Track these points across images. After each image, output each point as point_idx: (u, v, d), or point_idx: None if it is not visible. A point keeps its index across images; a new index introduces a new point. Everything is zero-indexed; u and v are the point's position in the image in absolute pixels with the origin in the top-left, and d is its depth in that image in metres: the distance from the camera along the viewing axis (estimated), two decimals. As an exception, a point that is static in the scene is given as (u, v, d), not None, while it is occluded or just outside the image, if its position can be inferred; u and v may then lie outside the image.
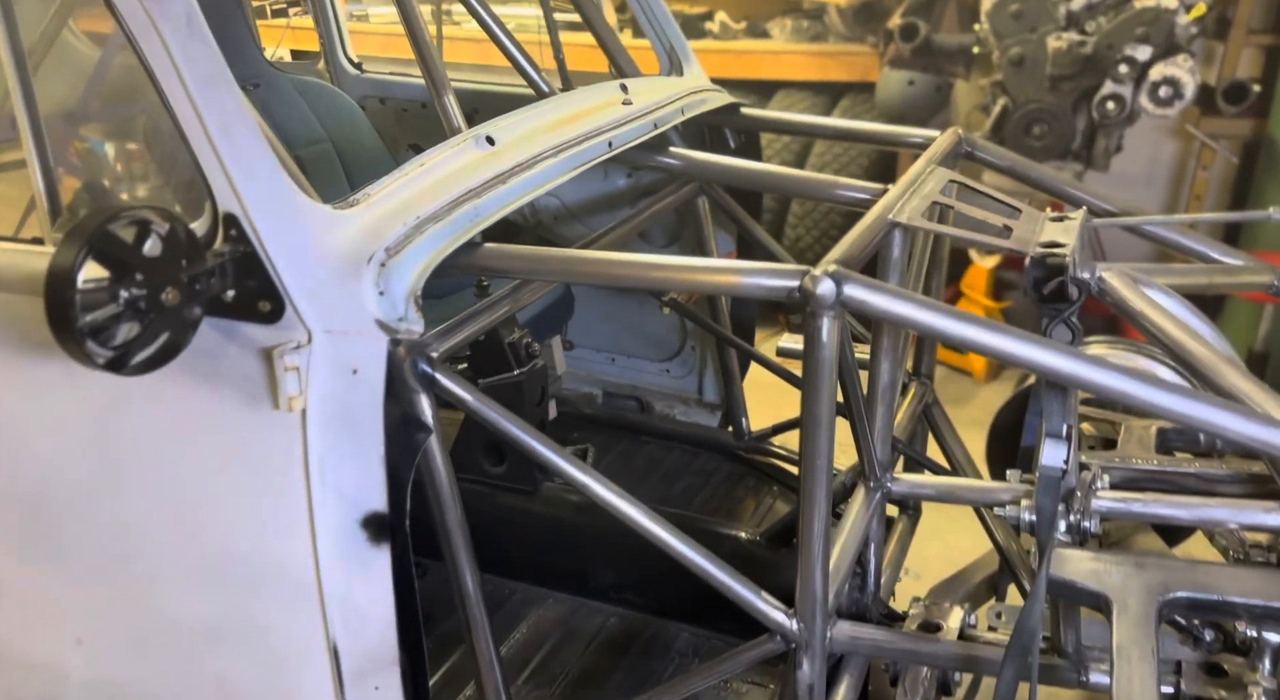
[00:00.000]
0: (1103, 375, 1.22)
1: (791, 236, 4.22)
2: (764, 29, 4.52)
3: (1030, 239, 1.48)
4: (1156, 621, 1.43)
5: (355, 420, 1.28)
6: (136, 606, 1.46)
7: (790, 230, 4.23)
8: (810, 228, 4.12)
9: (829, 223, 4.17)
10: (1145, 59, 3.45)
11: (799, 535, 1.42)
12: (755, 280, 1.30)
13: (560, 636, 2.05)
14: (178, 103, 1.23)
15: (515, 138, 1.62)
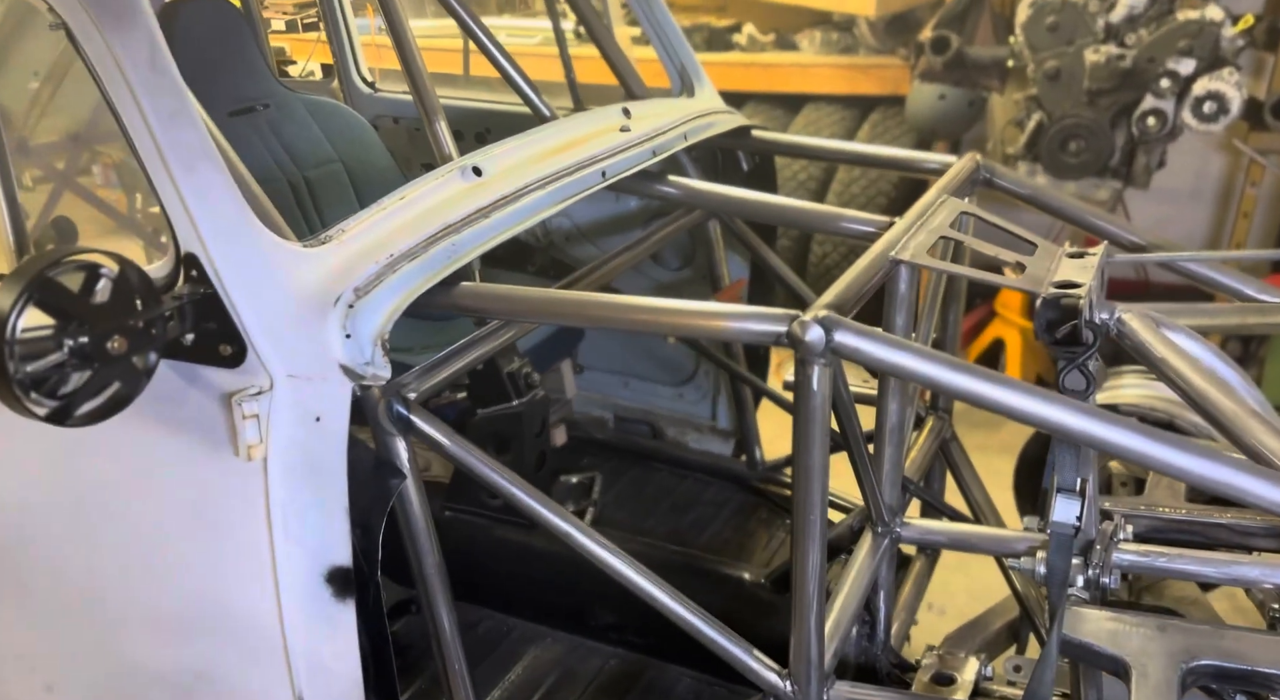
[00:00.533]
0: (1115, 433, 1.12)
1: (819, 253, 4.11)
2: (792, 41, 4.43)
3: (1044, 277, 1.39)
4: (1179, 690, 1.32)
5: (318, 469, 1.23)
6: (104, 654, 1.41)
7: (817, 247, 4.12)
8: (837, 244, 4.01)
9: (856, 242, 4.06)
10: (1188, 73, 3.30)
11: (793, 592, 1.34)
12: (742, 325, 1.22)
13: (558, 677, 1.98)
14: (139, 139, 1.19)
15: (504, 168, 1.56)
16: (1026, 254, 1.48)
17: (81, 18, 1.19)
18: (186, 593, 1.33)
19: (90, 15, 1.19)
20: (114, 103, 1.20)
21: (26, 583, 1.41)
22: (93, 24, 1.19)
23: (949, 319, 1.90)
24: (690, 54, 2.27)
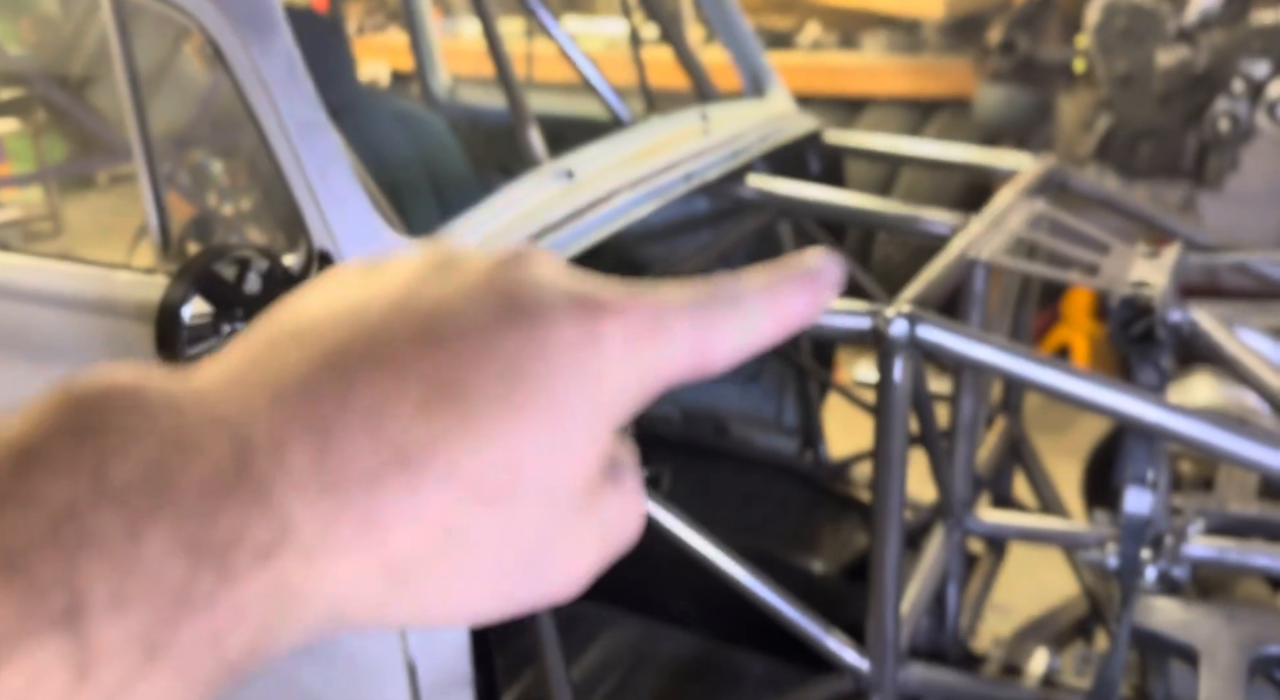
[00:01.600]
0: (1188, 424, 1.17)
1: (880, 255, 4.15)
2: (856, 42, 4.47)
3: (1119, 277, 1.44)
4: (1247, 676, 1.37)
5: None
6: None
7: (880, 249, 4.16)
8: (901, 247, 4.04)
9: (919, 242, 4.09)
10: (1263, 76, 3.29)
11: (871, 572, 1.41)
12: (828, 319, 1.30)
13: (633, 661, 2.07)
14: (278, 145, 1.31)
15: (593, 171, 1.65)
16: (1101, 255, 1.54)
17: (228, 33, 1.31)
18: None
19: (236, 30, 1.30)
20: (255, 111, 1.31)
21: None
22: (237, 38, 1.31)
23: (1021, 319, 1.95)
24: (762, 57, 2.35)
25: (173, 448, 0.26)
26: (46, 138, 4.48)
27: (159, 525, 0.25)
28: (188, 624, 0.26)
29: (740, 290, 0.36)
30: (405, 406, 0.29)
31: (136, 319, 1.46)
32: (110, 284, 1.48)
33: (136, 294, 1.46)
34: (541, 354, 0.31)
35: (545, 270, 0.33)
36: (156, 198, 1.43)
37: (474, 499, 0.29)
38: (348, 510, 0.28)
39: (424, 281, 0.32)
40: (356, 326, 0.30)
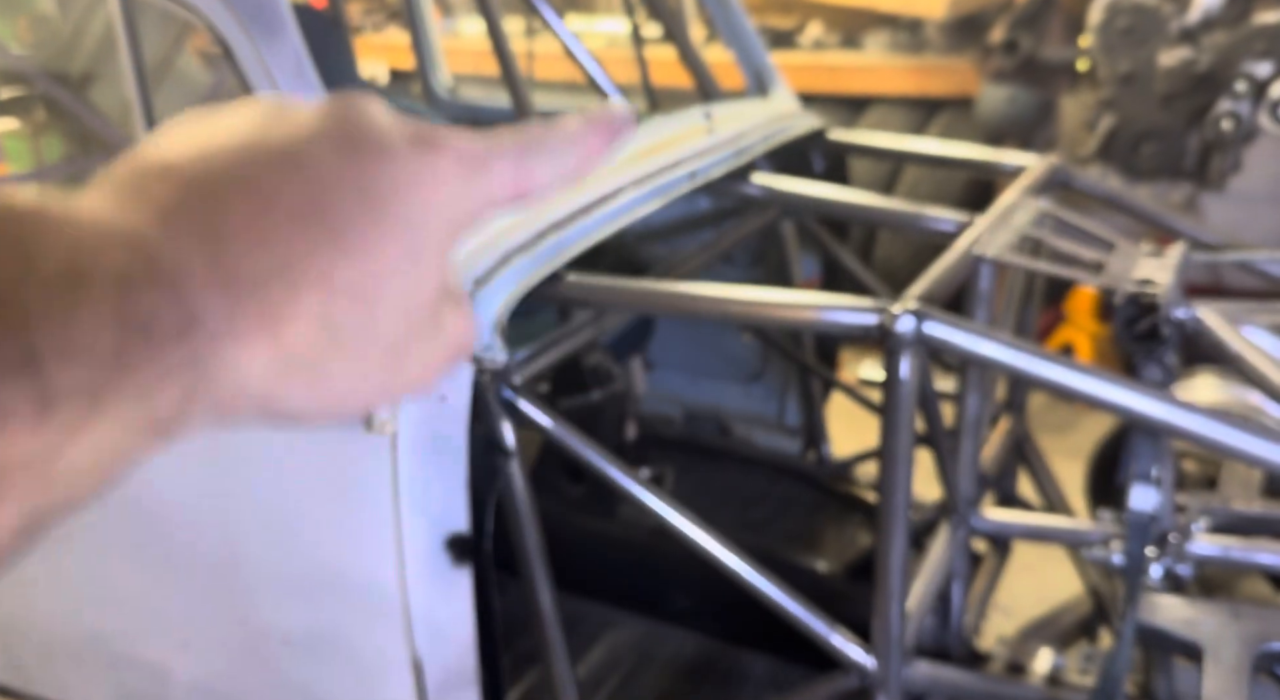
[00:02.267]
0: (1193, 421, 1.17)
1: (882, 254, 4.15)
2: (858, 42, 4.47)
3: (1123, 275, 1.44)
4: (1251, 673, 1.37)
5: (442, 445, 1.33)
6: (236, 616, 1.54)
7: (881, 249, 4.17)
8: (903, 247, 4.05)
9: (922, 241, 4.10)
10: (1265, 76, 3.29)
11: (876, 570, 1.41)
12: (834, 316, 1.30)
13: (636, 660, 2.07)
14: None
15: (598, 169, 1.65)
16: (1105, 253, 1.54)
17: (236, 32, 1.31)
18: (315, 560, 1.44)
19: (244, 29, 1.31)
20: (260, 109, 1.31)
21: (169, 548, 1.54)
22: (246, 37, 1.31)
23: (1026, 318, 1.95)
24: (765, 56, 2.35)
25: (83, 251, 0.31)
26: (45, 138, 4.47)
27: (87, 305, 0.30)
28: (123, 380, 0.31)
29: (550, 134, 0.42)
30: (279, 224, 0.34)
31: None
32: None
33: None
34: (391, 183, 0.36)
35: (377, 112, 0.37)
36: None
37: (347, 300, 0.35)
38: (244, 305, 0.33)
39: (267, 125, 0.36)
40: (216, 161, 0.34)
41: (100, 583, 1.65)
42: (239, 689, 1.59)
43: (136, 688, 1.69)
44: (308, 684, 1.53)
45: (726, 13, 2.27)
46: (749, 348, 2.66)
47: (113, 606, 1.65)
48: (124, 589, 1.63)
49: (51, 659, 1.76)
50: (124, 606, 1.64)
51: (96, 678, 1.72)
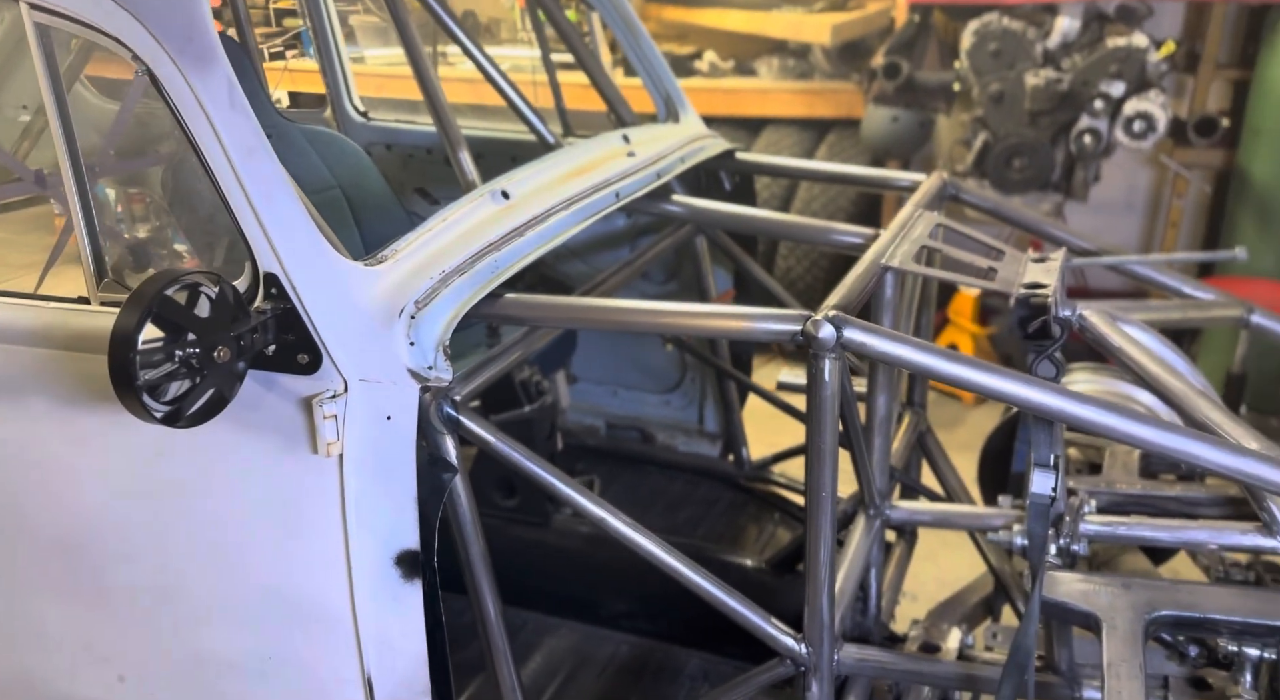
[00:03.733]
0: (1085, 410, 1.31)
1: (783, 266, 4.33)
2: (751, 67, 4.66)
3: (1014, 280, 1.59)
4: (1144, 638, 1.52)
5: (389, 463, 1.36)
6: (177, 643, 1.52)
7: (782, 261, 4.34)
8: (801, 258, 4.24)
9: (818, 253, 4.30)
10: (1119, 94, 3.59)
11: (806, 562, 1.50)
12: (761, 325, 1.39)
13: (575, 664, 2.12)
14: (220, 171, 1.32)
15: (528, 192, 1.72)
16: (995, 260, 1.68)
17: (165, 62, 1.32)
18: (260, 583, 1.45)
19: (173, 60, 1.32)
20: (195, 139, 1.33)
21: (102, 579, 1.52)
22: (175, 68, 1.32)
23: (923, 321, 2.10)
24: (675, 83, 2.46)
25: None
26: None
27: None
28: None
29: None
30: None
31: (69, 348, 1.44)
32: (38, 314, 1.47)
33: (70, 323, 1.45)
34: None
35: None
36: (89, 227, 1.43)
37: None
38: None
39: None
40: None
41: (25, 623, 1.61)
42: (183, 720, 1.58)
43: (69, 728, 1.65)
44: (255, 709, 1.53)
45: (637, 42, 2.37)
46: (668, 360, 2.76)
47: (39, 646, 1.61)
48: (52, 627, 1.59)
49: (-28, 706, 1.70)
50: (52, 645, 1.60)
51: (24, 721, 1.67)
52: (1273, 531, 1.59)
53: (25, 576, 1.56)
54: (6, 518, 1.53)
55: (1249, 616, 1.50)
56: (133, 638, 1.55)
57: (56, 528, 1.51)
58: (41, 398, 1.45)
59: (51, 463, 1.48)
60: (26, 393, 1.46)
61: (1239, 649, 1.60)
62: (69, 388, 1.44)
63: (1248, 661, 1.60)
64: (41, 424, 1.47)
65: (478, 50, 2.01)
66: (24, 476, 1.50)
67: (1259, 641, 1.58)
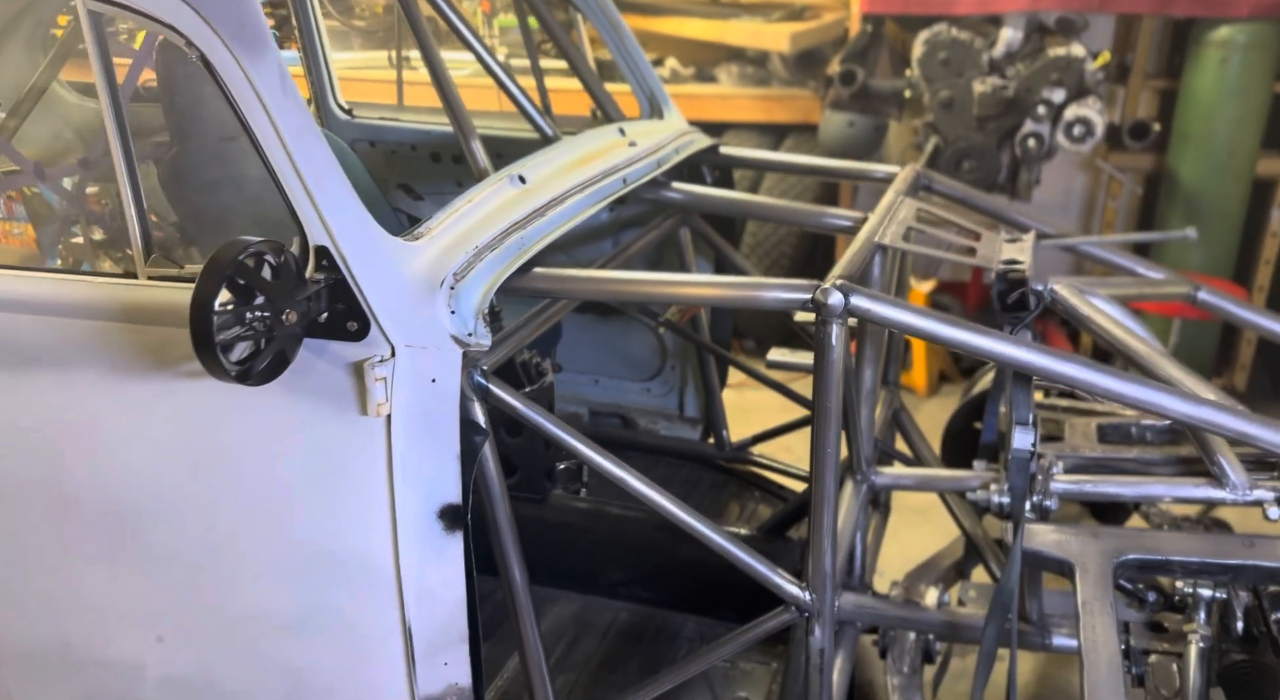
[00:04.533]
0: (1063, 365, 1.47)
1: (750, 244, 4.50)
2: (711, 74, 4.82)
3: (993, 257, 1.75)
4: (1113, 580, 1.69)
5: (434, 423, 1.46)
6: (218, 603, 1.59)
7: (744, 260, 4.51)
8: (764, 256, 4.41)
9: (780, 252, 4.47)
10: (1060, 101, 3.83)
11: (810, 515, 1.64)
12: (774, 294, 1.53)
13: (577, 631, 2.23)
14: (273, 152, 1.41)
15: (542, 177, 1.83)
16: (973, 241, 1.85)
17: (219, 48, 1.40)
18: (306, 540, 1.53)
19: (227, 46, 1.40)
20: (248, 121, 1.41)
21: (145, 542, 1.58)
22: (229, 54, 1.41)
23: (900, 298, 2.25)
24: (658, 82, 2.59)
25: None
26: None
27: None
28: None
29: None
30: None
31: (119, 320, 1.51)
32: (87, 289, 1.53)
33: (119, 297, 1.51)
34: None
35: None
36: (139, 209, 1.50)
37: None
38: None
39: None
40: None
41: (65, 589, 1.66)
42: (218, 676, 1.64)
43: (105, 690, 1.70)
44: (293, 664, 1.61)
45: (622, 42, 2.50)
46: (648, 349, 2.88)
47: (78, 612, 1.66)
48: (91, 593, 1.65)
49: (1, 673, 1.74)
50: (91, 610, 1.66)
51: (58, 686, 1.71)
52: (1222, 483, 1.77)
53: (68, 543, 1.61)
54: (54, 485, 1.58)
55: (1206, 557, 1.68)
56: (174, 599, 1.61)
57: (104, 494, 1.57)
58: (91, 368, 1.52)
59: (101, 431, 1.54)
60: (76, 364, 1.52)
61: (1194, 590, 1.78)
62: (120, 358, 1.51)
63: (1201, 602, 1.78)
64: (91, 393, 1.53)
65: (481, 47, 2.12)
66: (73, 444, 1.56)
67: (1212, 582, 1.76)
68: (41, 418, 1.56)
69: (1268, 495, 1.74)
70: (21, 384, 1.54)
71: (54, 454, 1.57)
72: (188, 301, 1.29)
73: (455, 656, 1.55)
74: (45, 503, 1.60)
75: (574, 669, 2.10)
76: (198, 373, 1.49)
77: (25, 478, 1.60)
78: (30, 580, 1.66)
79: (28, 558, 1.65)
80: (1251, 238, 4.22)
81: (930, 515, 3.14)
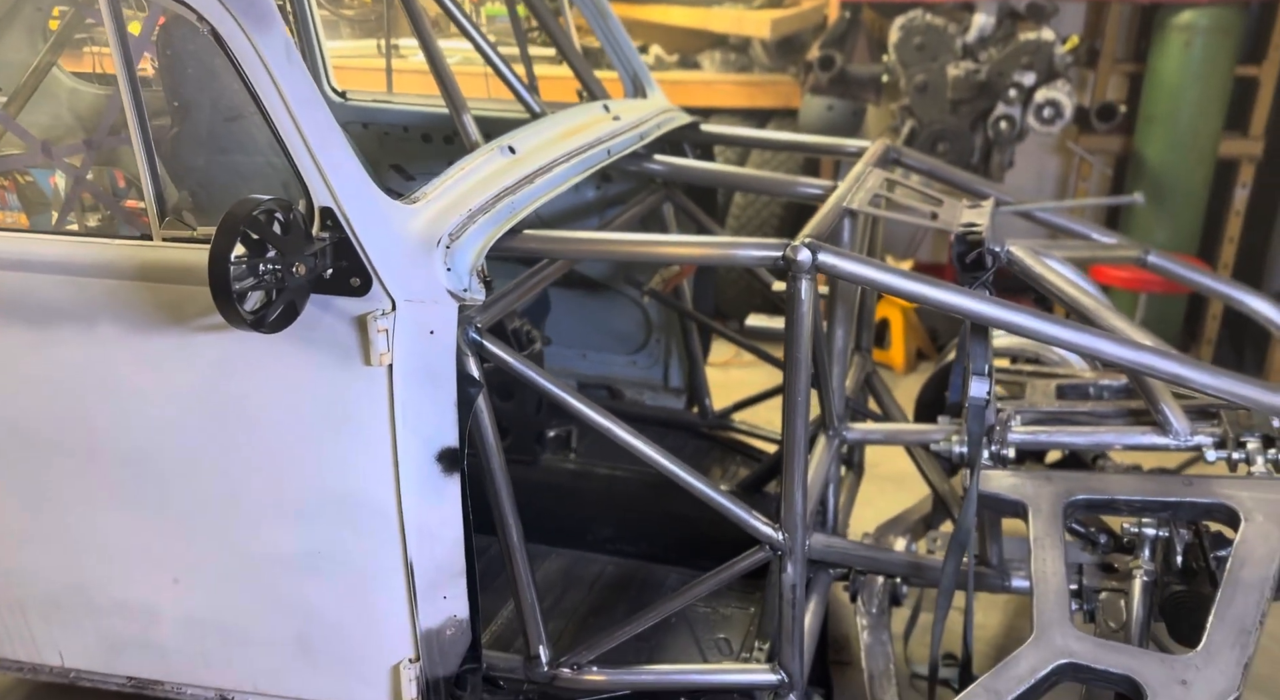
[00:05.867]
0: (1017, 317, 1.60)
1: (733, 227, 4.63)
2: (695, 61, 4.94)
3: (953, 221, 1.87)
4: (1063, 519, 1.81)
5: (433, 372, 1.58)
6: (233, 545, 1.71)
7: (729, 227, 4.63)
8: (745, 223, 4.55)
9: (761, 219, 4.61)
10: (1031, 84, 3.96)
11: (783, 459, 1.75)
12: (747, 252, 1.64)
13: (565, 583, 2.35)
14: (280, 119, 1.52)
15: (531, 147, 1.94)
16: (936, 207, 1.97)
17: (228, 22, 1.51)
18: (313, 484, 1.64)
19: (236, 20, 1.51)
20: (256, 90, 1.52)
21: (162, 489, 1.69)
22: (238, 26, 1.51)
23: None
24: (642, 64, 2.70)
25: None
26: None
27: None
28: None
29: None
30: None
31: (137, 279, 1.62)
32: (104, 250, 1.64)
33: (136, 257, 1.62)
34: None
35: None
36: (153, 174, 1.61)
37: None
38: None
39: None
40: None
41: (85, 535, 1.77)
42: (231, 615, 1.76)
43: (122, 631, 1.81)
44: (303, 601, 1.72)
45: (606, 24, 2.62)
46: (635, 322, 2.99)
47: (98, 556, 1.77)
48: (110, 538, 1.76)
49: (25, 616, 1.85)
50: (110, 555, 1.77)
51: (78, 627, 1.82)
52: (1165, 430, 1.91)
53: (89, 491, 1.72)
54: (75, 437, 1.69)
55: (1148, 495, 1.81)
56: (189, 542, 1.72)
57: (123, 444, 1.68)
58: (110, 325, 1.63)
59: (120, 384, 1.65)
60: (96, 321, 1.63)
61: (1139, 530, 1.92)
62: (137, 314, 1.62)
63: (1146, 540, 1.92)
64: (110, 348, 1.64)
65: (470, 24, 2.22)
66: (93, 397, 1.67)
67: (1155, 520, 1.90)
68: (65, 372, 1.67)
69: (1206, 440, 1.87)
70: (46, 340, 1.64)
71: (77, 406, 1.68)
72: (200, 261, 1.40)
73: (454, 591, 1.67)
74: (68, 452, 1.71)
75: (563, 617, 2.22)
76: (212, 327, 1.61)
77: (50, 429, 1.71)
78: (53, 527, 1.77)
79: (52, 505, 1.76)
80: (1216, 216, 4.36)
81: (905, 483, 3.27)
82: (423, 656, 1.71)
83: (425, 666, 1.71)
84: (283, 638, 1.75)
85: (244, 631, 1.77)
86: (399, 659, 1.72)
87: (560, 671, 1.86)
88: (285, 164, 1.55)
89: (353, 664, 1.74)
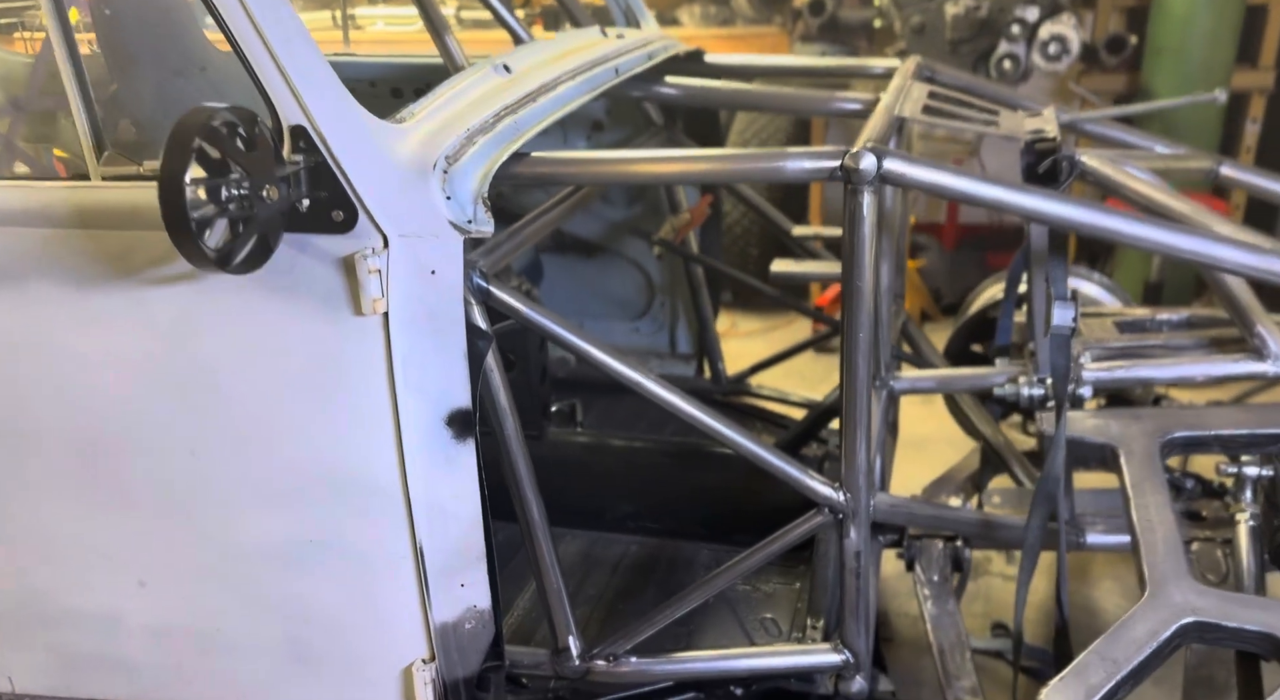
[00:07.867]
0: (1114, 221, 1.37)
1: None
2: (673, 17, 4.68)
3: (1018, 130, 1.64)
4: (1160, 460, 1.60)
5: (436, 319, 1.32)
6: (207, 539, 1.44)
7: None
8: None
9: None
10: (1034, 19, 3.75)
11: (843, 409, 1.51)
12: (798, 164, 1.40)
13: (586, 567, 2.10)
14: (236, 23, 1.25)
15: (528, 66, 1.69)
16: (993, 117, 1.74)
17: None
18: (299, 461, 1.38)
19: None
20: (205, -13, 1.25)
21: (119, 476, 1.43)
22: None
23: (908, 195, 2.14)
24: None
25: None
26: None
27: None
28: None
29: None
30: None
31: (73, 226, 1.35)
32: (32, 194, 1.37)
33: (71, 200, 1.35)
34: None
35: None
36: (86, 104, 1.34)
37: None
38: None
39: None
40: None
41: (28, 532, 1.49)
42: (209, 621, 1.49)
43: (80, 647, 1.54)
44: (293, 599, 1.46)
45: (595, -51, 2.36)
46: (633, 287, 2.74)
47: (48, 559, 1.50)
48: (61, 537, 1.49)
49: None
50: (62, 557, 1.50)
51: (28, 645, 1.55)
52: (1263, 355, 1.70)
53: (29, 480, 1.45)
54: (9, 417, 1.42)
55: (1254, 427, 1.59)
56: (155, 538, 1.46)
57: (66, 422, 1.41)
58: (44, 280, 1.36)
59: (58, 350, 1.38)
60: (27, 276, 1.36)
61: (1239, 469, 1.70)
62: (75, 267, 1.35)
63: (1247, 481, 1.70)
64: (45, 308, 1.37)
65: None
66: (27, 368, 1.39)
67: (1257, 459, 1.68)
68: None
69: (1313, 364, 1.66)
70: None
71: (9, 380, 1.41)
72: (149, 200, 1.14)
73: (472, 577, 1.42)
74: (3, 436, 1.44)
75: (587, 604, 1.98)
76: (167, 279, 1.34)
77: (-23, 411, 1.43)
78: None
79: (-15, 503, 1.49)
80: (1228, 151, 4.18)
81: (926, 448, 3.06)
82: (439, 655, 1.46)
83: (442, 667, 1.47)
84: (272, 643, 1.49)
85: (226, 639, 1.50)
86: (411, 660, 1.47)
87: (594, 664, 1.62)
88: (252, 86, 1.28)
89: (357, 668, 1.49)
